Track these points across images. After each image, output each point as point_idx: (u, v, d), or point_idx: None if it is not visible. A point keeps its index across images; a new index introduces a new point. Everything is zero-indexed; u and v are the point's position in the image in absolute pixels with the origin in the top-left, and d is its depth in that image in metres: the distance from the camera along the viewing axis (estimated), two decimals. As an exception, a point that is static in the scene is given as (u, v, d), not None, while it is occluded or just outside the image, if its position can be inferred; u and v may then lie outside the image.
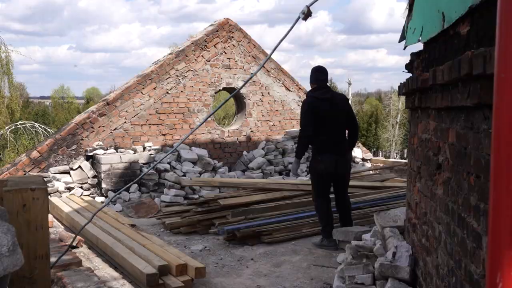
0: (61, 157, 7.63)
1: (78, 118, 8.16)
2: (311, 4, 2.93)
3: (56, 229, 5.49)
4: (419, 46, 3.32)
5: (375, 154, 40.27)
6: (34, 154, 7.45)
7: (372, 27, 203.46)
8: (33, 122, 17.18)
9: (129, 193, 7.62)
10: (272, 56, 10.24)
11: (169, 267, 4.05)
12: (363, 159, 11.06)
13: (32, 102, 58.61)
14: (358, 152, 11.13)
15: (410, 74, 3.61)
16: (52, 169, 7.49)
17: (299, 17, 3.02)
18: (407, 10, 3.68)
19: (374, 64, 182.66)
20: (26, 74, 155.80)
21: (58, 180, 7.44)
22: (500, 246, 0.72)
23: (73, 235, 5.10)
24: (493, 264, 0.76)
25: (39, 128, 16.40)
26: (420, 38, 3.04)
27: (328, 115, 5.06)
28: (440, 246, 2.51)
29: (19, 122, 16.95)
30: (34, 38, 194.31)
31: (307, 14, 2.96)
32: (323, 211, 5.18)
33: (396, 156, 37.46)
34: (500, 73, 0.72)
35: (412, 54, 3.55)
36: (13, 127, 16.33)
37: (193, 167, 8.33)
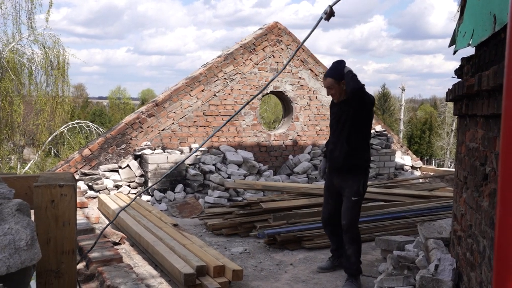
0: (110, 155, 7.87)
1: (128, 118, 8.39)
2: (333, 4, 2.87)
3: (102, 225, 5.65)
4: (471, 51, 3.17)
5: (428, 162, 39.06)
6: (86, 152, 7.73)
7: (429, 32, 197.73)
8: (88, 122, 17.91)
9: (175, 193, 7.75)
10: (323, 61, 10.13)
11: (207, 268, 4.06)
12: (412, 167, 10.73)
13: (91, 102, 61.21)
14: (407, 159, 10.81)
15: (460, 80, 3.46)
16: (102, 167, 7.74)
17: (321, 17, 2.97)
18: (459, 13, 3.53)
19: (431, 70, 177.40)
20: (87, 75, 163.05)
21: (107, 178, 7.67)
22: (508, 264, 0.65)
23: (118, 232, 5.24)
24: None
25: (92, 127, 17.08)
26: (470, 42, 2.90)
27: None
28: (484, 262, 2.38)
29: (75, 122, 17.73)
30: (96, 41, 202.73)
31: (329, 14, 2.90)
32: (361, 244, 4.33)
33: (450, 165, 36.12)
34: (510, 74, 0.65)
35: (463, 59, 3.40)
36: (70, 126, 17.11)
37: (238, 169, 8.37)
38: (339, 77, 4.13)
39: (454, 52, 3.36)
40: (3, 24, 36.42)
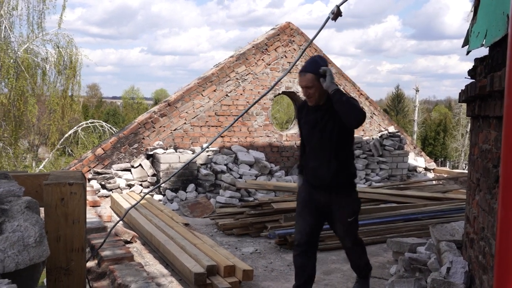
0: (123, 155, 7.93)
1: (141, 117, 8.45)
2: (341, 4, 2.86)
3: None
4: (484, 51, 3.14)
5: (443, 164, 38.70)
6: (99, 151, 7.80)
7: (444, 32, 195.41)
8: (101, 122, 18.08)
9: (186, 192, 7.78)
10: (336, 62, 10.08)
11: (217, 268, 4.08)
12: (425, 169, 10.64)
13: (105, 102, 61.81)
14: (420, 161, 10.72)
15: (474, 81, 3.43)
16: (114, 166, 7.80)
17: (328, 17, 2.95)
18: (472, 13, 3.49)
19: (446, 70, 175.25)
20: (101, 75, 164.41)
21: (120, 177, 7.73)
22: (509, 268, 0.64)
23: (129, 231, 5.28)
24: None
25: (106, 126, 17.25)
26: (483, 42, 2.86)
27: None
28: (496, 265, 2.34)
29: (89, 121, 17.93)
30: (110, 41, 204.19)
31: (336, 14, 2.89)
32: (365, 250, 3.87)
33: (465, 167, 35.72)
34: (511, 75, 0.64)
35: (476, 60, 3.36)
36: (83, 125, 17.29)
37: (249, 169, 8.37)
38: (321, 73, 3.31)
39: (467, 53, 3.33)
40: (18, 25, 37.09)
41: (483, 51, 3.10)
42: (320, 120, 3.40)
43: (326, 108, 3.37)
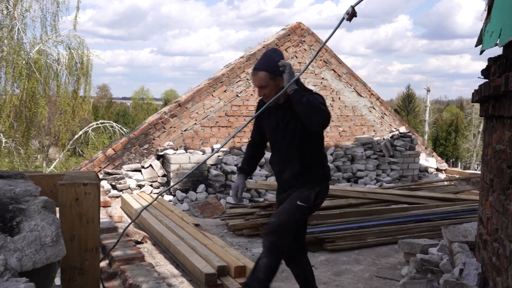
0: (133, 155, 7.97)
1: (151, 118, 8.49)
2: (355, 4, 2.83)
3: (125, 224, 5.71)
4: (498, 51, 3.11)
5: (454, 164, 38.41)
6: (109, 151, 7.84)
7: (456, 31, 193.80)
8: (112, 122, 18.19)
9: (196, 193, 7.80)
10: (346, 61, 10.06)
11: (228, 268, 4.07)
12: (437, 169, 10.56)
13: (115, 102, 62.21)
14: (432, 161, 10.66)
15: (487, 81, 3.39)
16: (125, 167, 7.84)
17: (343, 18, 2.92)
18: (486, 12, 3.46)
19: (457, 70, 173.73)
20: (111, 76, 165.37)
21: (130, 177, 7.77)
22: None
23: (140, 232, 5.30)
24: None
25: (116, 127, 17.35)
26: (497, 42, 2.83)
27: None
28: (511, 267, 2.32)
29: (99, 122, 18.05)
30: (120, 42, 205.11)
31: (351, 15, 2.86)
32: (279, 261, 3.18)
33: (477, 167, 35.42)
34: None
35: (489, 59, 3.33)
36: (94, 126, 17.41)
37: (259, 170, 8.36)
38: (276, 70, 2.99)
39: (481, 52, 3.29)
40: (32, 27, 37.44)
41: (497, 51, 3.07)
42: (281, 121, 3.12)
43: (287, 107, 3.07)
